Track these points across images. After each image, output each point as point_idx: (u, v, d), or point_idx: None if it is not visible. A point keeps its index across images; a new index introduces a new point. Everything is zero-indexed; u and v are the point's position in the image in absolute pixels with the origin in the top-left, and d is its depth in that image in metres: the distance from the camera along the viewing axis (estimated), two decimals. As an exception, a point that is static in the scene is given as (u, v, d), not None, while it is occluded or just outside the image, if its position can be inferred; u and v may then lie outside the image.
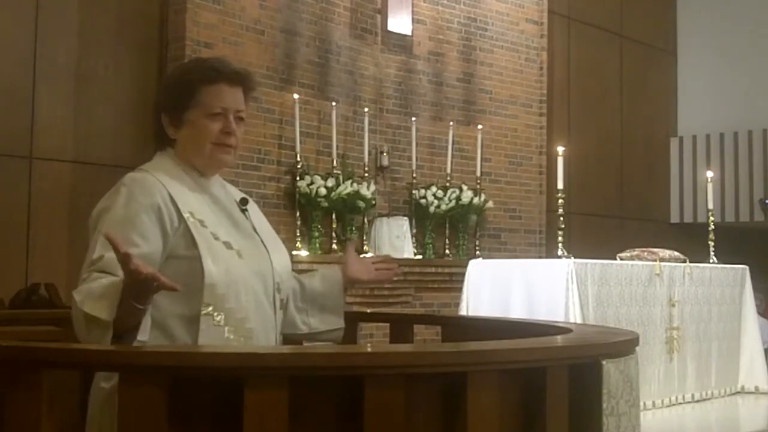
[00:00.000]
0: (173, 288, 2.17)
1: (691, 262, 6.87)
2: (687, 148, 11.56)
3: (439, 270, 8.22)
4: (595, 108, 10.60)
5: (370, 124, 7.93)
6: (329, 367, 1.97)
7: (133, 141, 6.47)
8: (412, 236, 8.16)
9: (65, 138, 6.59)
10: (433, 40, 8.77)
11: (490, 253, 8.58)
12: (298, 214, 7.44)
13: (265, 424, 1.88)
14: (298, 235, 7.41)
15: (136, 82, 6.85)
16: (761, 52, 10.95)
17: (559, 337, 2.56)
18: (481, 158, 8.75)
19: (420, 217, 8.32)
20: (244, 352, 2.10)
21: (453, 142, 8.58)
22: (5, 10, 6.38)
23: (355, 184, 7.65)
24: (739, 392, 7.13)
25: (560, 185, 6.50)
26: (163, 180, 2.45)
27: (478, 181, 8.69)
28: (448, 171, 8.54)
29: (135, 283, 2.13)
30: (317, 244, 7.49)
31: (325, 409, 2.01)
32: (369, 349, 2.30)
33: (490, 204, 8.80)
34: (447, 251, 8.47)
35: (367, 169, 7.85)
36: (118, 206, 2.39)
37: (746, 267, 7.39)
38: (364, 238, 7.82)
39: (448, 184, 8.47)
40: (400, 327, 3.59)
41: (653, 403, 6.31)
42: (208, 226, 2.45)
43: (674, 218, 11.53)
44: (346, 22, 8.10)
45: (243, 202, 2.65)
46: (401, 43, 8.50)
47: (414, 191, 8.31)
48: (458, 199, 8.45)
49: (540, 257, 8.51)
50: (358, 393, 1.94)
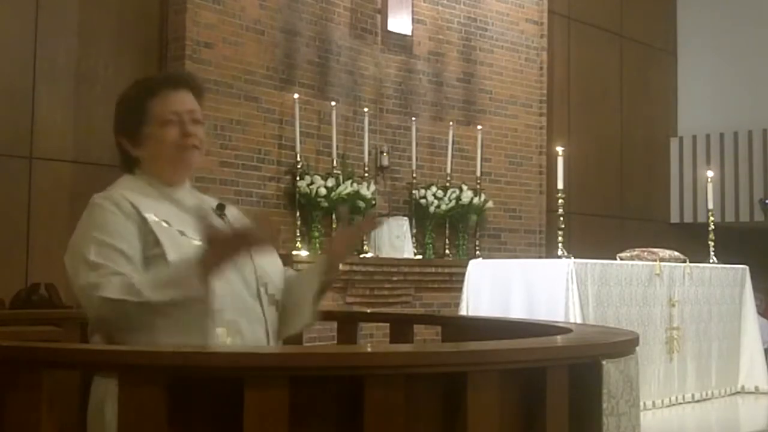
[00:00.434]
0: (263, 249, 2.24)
1: (691, 262, 6.87)
2: (687, 148, 11.56)
3: (439, 270, 8.22)
4: (595, 108, 10.60)
5: (370, 124, 7.93)
6: (329, 367, 1.97)
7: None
8: (412, 236, 8.16)
9: (65, 138, 6.60)
10: (433, 40, 8.78)
11: (490, 253, 8.58)
12: (298, 214, 7.44)
13: (265, 424, 1.88)
14: (298, 235, 7.41)
15: (136, 83, 6.85)
16: (761, 52, 10.95)
17: (559, 337, 2.56)
18: (481, 158, 8.75)
19: (420, 217, 8.32)
20: (244, 352, 2.10)
21: (453, 142, 8.58)
22: (5, 10, 6.38)
23: (355, 184, 7.65)
24: (739, 392, 7.13)
25: (560, 185, 6.50)
26: (126, 194, 2.47)
27: (478, 181, 8.70)
28: (448, 171, 8.54)
29: (219, 252, 2.23)
30: (317, 244, 7.49)
31: (325, 409, 2.01)
32: (369, 349, 2.30)
33: (490, 204, 8.80)
34: (447, 251, 8.47)
35: (367, 169, 7.85)
36: (94, 219, 2.42)
37: (746, 267, 7.39)
38: (364, 238, 7.81)
39: (448, 184, 8.47)
40: (400, 327, 3.59)
41: (653, 403, 6.31)
42: (173, 225, 2.45)
43: (674, 218, 11.53)
44: (346, 22, 8.10)
45: (220, 208, 2.65)
46: (401, 43, 8.50)
47: (414, 191, 8.31)
48: (458, 199, 8.45)
49: (540, 257, 8.51)
50: (358, 393, 1.94)
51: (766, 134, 11.03)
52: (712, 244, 7.37)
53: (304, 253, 7.36)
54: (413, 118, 8.33)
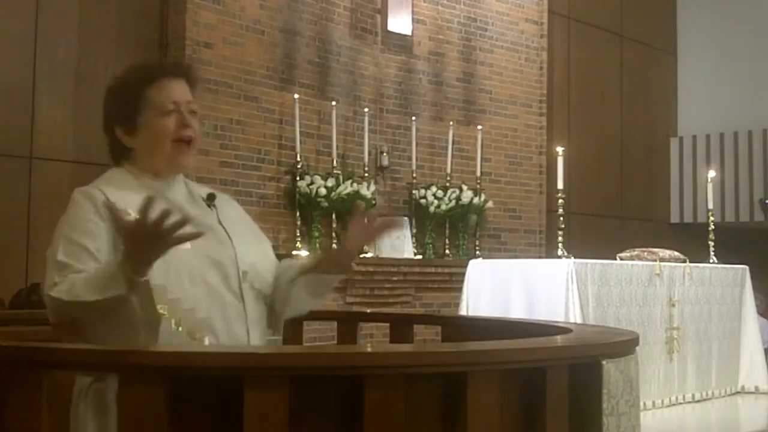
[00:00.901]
0: (196, 235, 2.15)
1: (691, 262, 6.87)
2: (687, 148, 11.56)
3: (439, 270, 8.22)
4: (595, 108, 10.60)
5: (370, 124, 7.93)
6: (329, 367, 1.97)
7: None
8: (412, 236, 8.16)
9: (65, 138, 6.60)
10: (433, 40, 8.77)
11: (490, 253, 8.58)
12: (298, 214, 7.44)
13: (265, 424, 1.88)
14: (298, 235, 7.41)
15: (136, 82, 6.85)
16: (761, 52, 10.95)
17: (559, 337, 2.56)
18: (481, 158, 8.75)
19: (420, 217, 8.32)
20: (244, 352, 2.10)
21: (453, 142, 8.58)
22: (5, 10, 6.38)
23: (355, 184, 7.65)
24: (739, 392, 7.12)
25: (560, 185, 6.50)
26: (107, 190, 2.43)
27: (478, 181, 8.69)
28: (448, 171, 8.54)
29: (138, 244, 2.10)
30: (317, 244, 7.49)
31: (325, 409, 2.01)
32: (369, 349, 2.30)
33: (490, 204, 8.80)
34: (447, 251, 8.47)
35: (367, 169, 7.85)
36: (68, 216, 2.42)
37: (746, 267, 7.39)
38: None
39: (448, 184, 8.47)
40: (400, 327, 3.59)
41: (653, 403, 6.30)
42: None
43: (674, 218, 11.53)
44: (346, 22, 8.10)
45: (210, 198, 2.59)
46: (401, 43, 8.50)
47: (414, 191, 8.31)
48: (458, 199, 8.45)
49: (540, 257, 8.51)
50: (358, 393, 1.94)
51: (766, 134, 11.03)
52: (712, 244, 7.36)
53: (304, 252, 7.36)
54: (413, 118, 8.33)
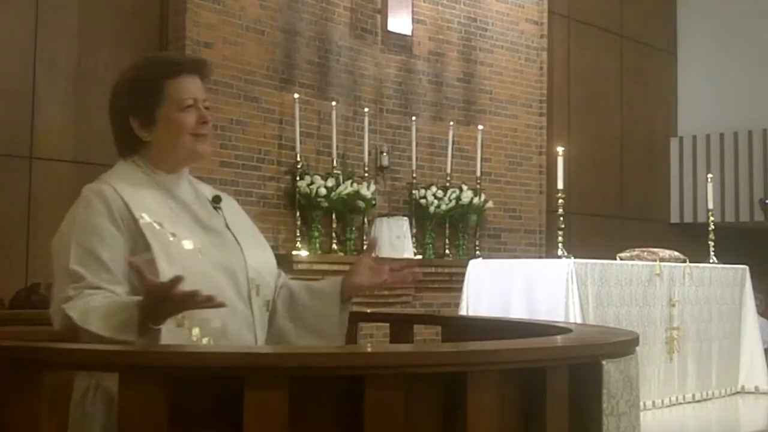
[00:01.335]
0: (219, 304, 2.19)
1: (691, 262, 6.87)
2: (687, 148, 11.56)
3: (439, 270, 8.22)
4: (595, 108, 10.60)
5: (370, 124, 7.93)
6: (329, 367, 1.96)
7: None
8: (412, 236, 8.16)
9: (65, 138, 6.60)
10: (433, 40, 8.77)
11: (490, 253, 8.58)
12: (298, 214, 7.44)
13: (265, 424, 1.88)
14: (298, 235, 7.41)
15: (136, 82, 6.84)
16: (761, 52, 10.95)
17: (559, 337, 2.56)
18: (481, 158, 8.75)
19: (420, 217, 8.32)
20: (244, 352, 2.10)
21: (453, 142, 8.58)
22: (6, 10, 6.38)
23: (355, 184, 7.65)
24: (739, 392, 7.12)
25: (560, 185, 6.50)
26: (119, 187, 2.42)
27: (478, 181, 8.69)
28: (448, 171, 8.54)
29: (159, 305, 2.15)
30: (317, 244, 7.49)
31: (325, 409, 2.01)
32: (369, 349, 2.30)
33: (490, 204, 8.80)
34: (447, 251, 8.47)
35: (367, 169, 7.85)
36: (80, 218, 2.38)
37: (746, 267, 7.39)
38: (364, 238, 7.81)
39: (448, 184, 8.47)
40: (400, 327, 3.59)
41: (653, 403, 6.30)
42: (166, 226, 2.40)
43: (674, 218, 11.53)
44: (346, 22, 8.10)
45: (216, 200, 2.60)
46: (401, 43, 8.50)
47: (414, 191, 8.31)
48: (458, 199, 8.45)
49: (540, 257, 8.51)
50: (358, 393, 1.94)
51: (766, 134, 11.03)
52: (712, 244, 7.36)
53: (303, 253, 7.36)
54: (413, 118, 8.33)
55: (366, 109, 7.94)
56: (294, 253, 7.25)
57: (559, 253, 6.25)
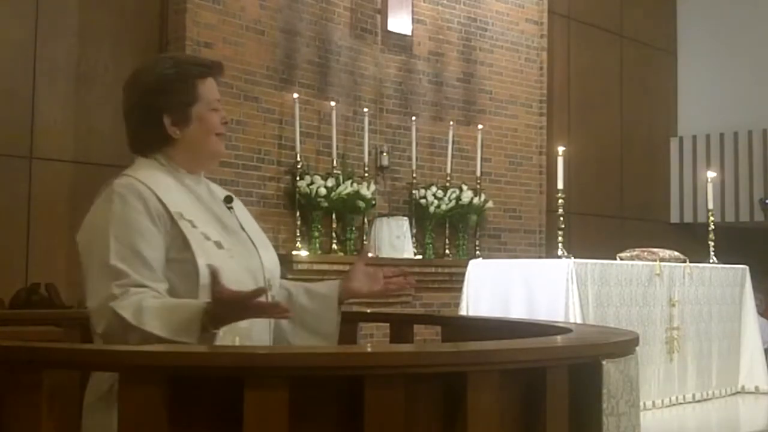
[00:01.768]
0: (285, 315, 2.28)
1: (691, 262, 6.86)
2: (687, 148, 11.56)
3: (439, 270, 8.22)
4: (595, 108, 10.60)
5: (370, 124, 7.93)
6: (329, 367, 1.96)
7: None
8: (412, 236, 8.16)
9: (65, 138, 6.60)
10: (433, 40, 8.77)
11: (490, 253, 8.57)
12: (298, 214, 7.44)
13: (265, 424, 1.88)
14: (298, 235, 7.41)
15: (136, 82, 6.84)
16: (761, 52, 10.95)
17: (559, 337, 2.56)
18: (481, 158, 8.75)
19: (420, 217, 8.32)
20: (244, 352, 2.10)
21: (453, 142, 8.58)
22: (5, 10, 6.38)
23: (355, 184, 7.65)
24: (739, 392, 7.12)
25: (560, 185, 6.50)
26: (150, 183, 2.42)
27: (478, 181, 8.70)
28: (448, 171, 8.54)
29: (230, 312, 2.21)
30: (317, 244, 7.49)
31: (325, 409, 2.01)
32: (369, 349, 2.30)
33: (490, 204, 8.80)
34: (447, 251, 8.47)
35: (367, 169, 7.85)
36: (116, 214, 2.36)
37: (746, 267, 7.38)
38: (364, 238, 7.82)
39: (448, 184, 8.47)
40: (400, 327, 3.59)
41: (653, 403, 6.30)
42: (198, 226, 2.42)
43: (674, 218, 11.53)
44: (346, 22, 8.10)
45: (228, 200, 2.63)
46: (401, 43, 8.50)
47: (414, 191, 8.31)
48: (458, 199, 8.45)
49: (540, 257, 8.51)
50: (358, 393, 1.94)
51: (766, 134, 11.03)
52: (712, 244, 7.36)
53: (303, 253, 7.36)
54: (413, 118, 8.33)
55: (366, 109, 7.95)
56: (294, 253, 7.25)
57: (559, 253, 6.24)
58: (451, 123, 8.63)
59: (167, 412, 1.91)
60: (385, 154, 8.24)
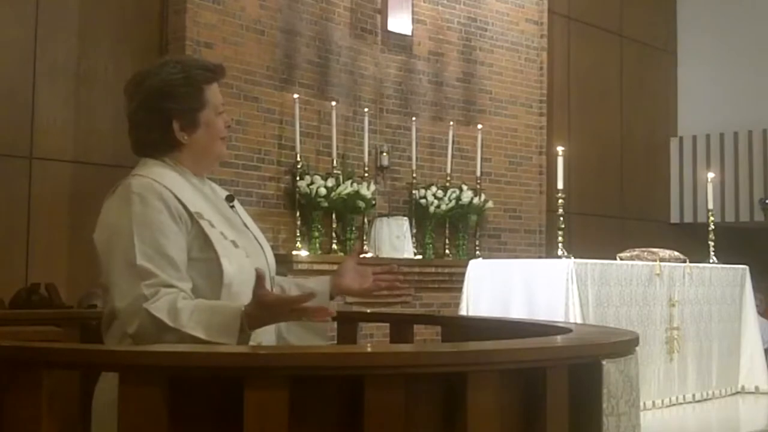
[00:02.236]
0: (325, 318, 2.32)
1: (691, 262, 6.86)
2: (687, 148, 11.56)
3: (439, 270, 8.22)
4: (595, 108, 10.60)
5: (370, 124, 7.93)
6: (329, 367, 1.96)
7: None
8: (412, 236, 8.16)
9: (65, 138, 6.60)
10: (433, 40, 8.78)
11: (490, 253, 8.58)
12: (298, 214, 7.44)
13: (265, 424, 1.88)
14: (298, 235, 7.41)
15: (136, 82, 6.84)
16: (761, 52, 10.95)
17: (559, 337, 2.56)
18: (481, 158, 8.75)
19: (420, 217, 8.32)
20: (244, 352, 2.10)
21: (453, 142, 8.58)
22: (5, 10, 6.38)
23: (355, 184, 7.65)
24: (740, 392, 7.11)
25: (560, 185, 6.49)
26: (167, 183, 2.43)
27: (478, 181, 8.69)
28: (448, 171, 8.54)
29: (270, 315, 2.26)
30: (317, 244, 7.49)
31: (325, 409, 2.01)
32: (369, 349, 2.30)
33: (490, 204, 8.80)
34: (447, 251, 8.47)
35: (367, 169, 7.85)
36: (137, 214, 2.36)
37: (746, 267, 7.38)
38: (365, 238, 7.82)
39: (448, 184, 8.47)
40: (400, 327, 3.58)
41: (653, 403, 6.30)
42: (216, 226, 2.45)
43: (674, 218, 11.53)
44: (346, 22, 8.10)
45: (229, 199, 2.66)
46: (401, 43, 8.50)
47: (414, 191, 8.31)
48: (458, 199, 8.45)
49: (540, 257, 8.51)
50: (358, 393, 1.94)
51: (766, 134, 11.03)
52: (712, 244, 7.35)
53: (303, 253, 7.36)
54: (413, 118, 8.33)
55: (366, 109, 7.95)
56: (294, 253, 7.25)
57: (559, 253, 6.24)
58: (451, 123, 8.63)
59: (167, 412, 1.91)
60: (385, 154, 8.24)
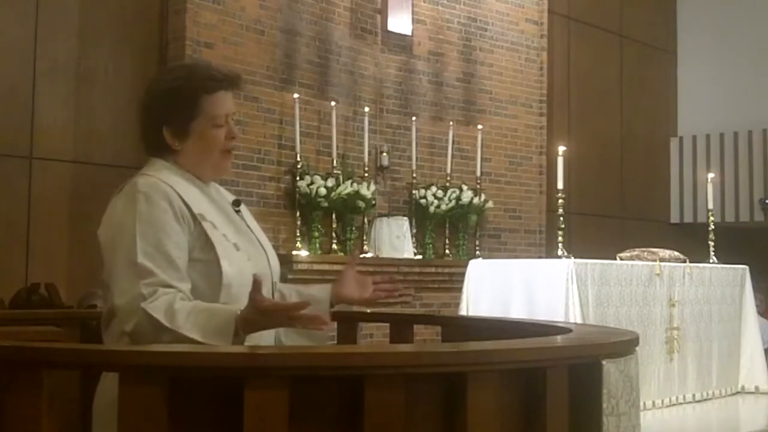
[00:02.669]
0: (322, 327, 2.30)
1: (691, 262, 6.86)
2: (687, 148, 11.56)
3: (439, 270, 8.21)
4: (595, 108, 10.60)
5: (370, 124, 7.93)
6: (329, 367, 1.96)
7: (133, 141, 6.44)
8: (412, 236, 8.16)
9: (65, 138, 6.60)
10: (433, 40, 8.78)
11: (490, 253, 8.58)
12: (298, 214, 7.44)
13: (265, 424, 1.88)
14: (298, 235, 7.41)
15: (136, 82, 6.84)
16: (761, 52, 10.95)
17: (559, 337, 2.56)
18: (481, 158, 8.75)
19: (420, 217, 8.32)
20: (244, 352, 2.10)
21: (453, 142, 8.58)
22: (6, 10, 6.38)
23: (355, 184, 7.65)
24: (740, 392, 7.11)
25: (560, 185, 6.49)
26: (172, 183, 2.44)
27: (478, 181, 8.69)
28: (448, 171, 8.54)
29: (265, 320, 2.25)
30: (317, 244, 7.49)
31: (325, 409, 2.01)
32: (369, 349, 2.30)
33: (490, 204, 8.80)
34: (447, 251, 8.47)
35: (367, 169, 7.85)
36: (141, 212, 2.36)
37: (746, 267, 7.38)
38: (364, 238, 7.82)
39: (448, 184, 8.47)
40: (400, 327, 3.59)
41: (653, 403, 6.30)
42: (218, 228, 2.45)
43: (674, 218, 11.53)
44: (346, 22, 8.10)
45: (236, 203, 2.65)
46: (401, 43, 8.50)
47: (414, 191, 8.31)
48: (458, 199, 8.45)
49: (540, 257, 8.51)
50: (358, 393, 1.94)
51: (766, 134, 11.03)
52: (712, 244, 7.36)
53: (303, 253, 7.36)
54: (413, 118, 8.33)
55: (366, 109, 7.94)
56: (294, 253, 7.25)
57: (559, 253, 6.24)
58: (451, 123, 8.63)
59: (167, 412, 1.91)
60: (385, 154, 8.24)
